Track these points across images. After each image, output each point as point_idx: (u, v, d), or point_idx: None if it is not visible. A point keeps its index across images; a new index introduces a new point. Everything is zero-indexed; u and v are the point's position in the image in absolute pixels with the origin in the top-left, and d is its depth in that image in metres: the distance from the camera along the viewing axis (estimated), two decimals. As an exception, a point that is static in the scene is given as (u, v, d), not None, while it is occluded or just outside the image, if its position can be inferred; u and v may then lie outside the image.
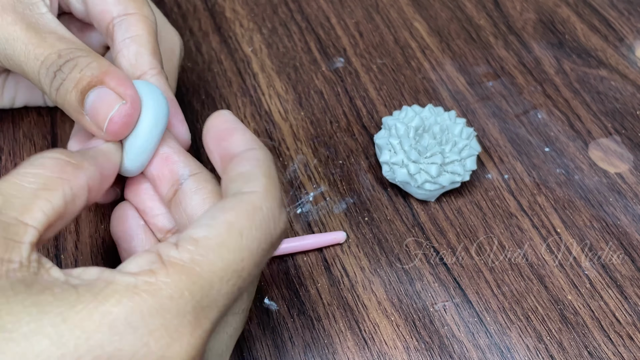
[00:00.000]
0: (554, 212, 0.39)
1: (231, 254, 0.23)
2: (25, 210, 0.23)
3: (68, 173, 0.25)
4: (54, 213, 0.24)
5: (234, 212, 0.24)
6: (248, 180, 0.25)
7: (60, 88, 0.29)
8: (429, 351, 0.33)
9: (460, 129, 0.38)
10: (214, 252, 0.23)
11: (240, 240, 0.23)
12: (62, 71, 0.29)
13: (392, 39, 0.47)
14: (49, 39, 0.30)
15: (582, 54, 0.47)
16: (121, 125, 0.28)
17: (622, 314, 0.35)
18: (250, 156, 0.26)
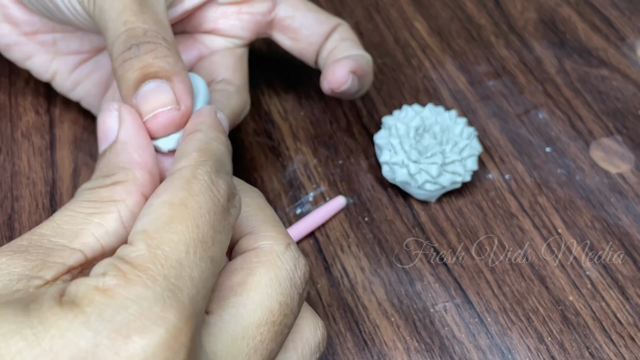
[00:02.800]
0: (555, 213, 0.38)
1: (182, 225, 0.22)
2: (75, 236, 0.23)
3: (119, 193, 0.24)
4: (108, 237, 0.23)
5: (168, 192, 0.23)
6: (179, 159, 0.25)
7: (128, 62, 0.28)
8: (430, 352, 0.33)
9: (460, 129, 0.38)
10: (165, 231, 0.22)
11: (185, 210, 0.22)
12: (139, 48, 0.28)
13: (392, 39, 0.47)
14: (147, 14, 0.29)
15: (584, 54, 0.47)
16: (162, 126, 0.27)
17: (624, 314, 0.35)
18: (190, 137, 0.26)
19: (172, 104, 0.27)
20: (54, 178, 0.38)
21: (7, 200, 0.37)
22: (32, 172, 0.38)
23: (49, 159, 0.39)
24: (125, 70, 0.28)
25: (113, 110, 0.27)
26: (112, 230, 0.24)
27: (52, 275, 0.21)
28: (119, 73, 0.28)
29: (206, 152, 0.25)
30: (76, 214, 0.23)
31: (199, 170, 0.24)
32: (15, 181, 0.38)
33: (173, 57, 0.29)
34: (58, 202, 0.37)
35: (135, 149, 0.26)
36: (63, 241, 0.23)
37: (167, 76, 0.28)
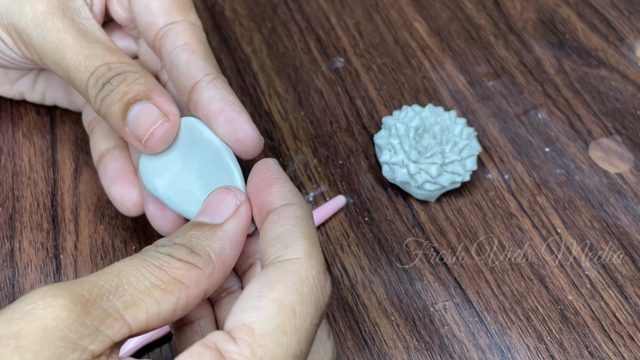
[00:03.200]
0: (554, 212, 0.39)
1: (289, 339, 0.22)
2: (131, 304, 0.22)
3: (190, 279, 0.24)
4: (157, 317, 0.23)
5: (280, 287, 0.23)
6: (287, 244, 0.24)
7: (106, 99, 0.29)
8: (429, 351, 0.33)
9: (460, 129, 0.38)
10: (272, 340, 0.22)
11: (294, 320, 0.22)
12: (111, 83, 0.29)
13: (392, 39, 0.47)
14: (99, 49, 0.30)
15: (583, 54, 0.47)
16: (160, 141, 0.28)
17: (623, 314, 0.35)
18: (288, 214, 0.25)
19: (160, 118, 0.28)
20: (55, 178, 0.38)
21: (8, 200, 0.37)
22: (33, 172, 0.38)
23: (50, 159, 0.39)
24: (108, 107, 0.29)
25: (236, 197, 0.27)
26: (162, 314, 0.23)
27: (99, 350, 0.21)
28: (103, 112, 0.29)
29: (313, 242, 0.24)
30: (142, 277, 0.23)
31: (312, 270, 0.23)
32: (17, 181, 0.38)
33: (142, 76, 0.29)
34: (59, 202, 0.37)
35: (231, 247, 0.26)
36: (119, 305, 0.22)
37: (145, 95, 0.28)
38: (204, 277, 0.24)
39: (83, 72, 0.29)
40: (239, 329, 0.22)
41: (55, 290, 0.21)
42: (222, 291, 0.30)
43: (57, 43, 0.30)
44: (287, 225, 0.25)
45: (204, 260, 0.24)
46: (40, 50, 0.30)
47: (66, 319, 0.21)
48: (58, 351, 0.20)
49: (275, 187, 0.26)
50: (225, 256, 0.25)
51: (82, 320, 0.21)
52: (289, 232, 0.24)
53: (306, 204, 0.26)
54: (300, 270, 0.23)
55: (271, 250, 0.24)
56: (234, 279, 0.30)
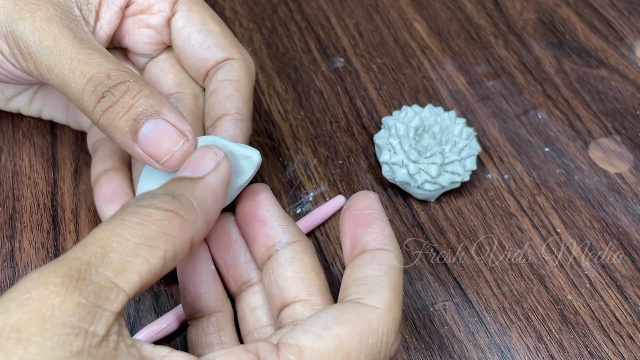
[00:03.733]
0: (554, 212, 0.39)
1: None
2: (121, 269, 0.22)
3: (174, 228, 0.23)
4: (149, 275, 0.23)
5: (347, 328, 0.23)
6: (372, 290, 0.24)
7: (109, 111, 0.28)
8: (429, 351, 0.33)
9: (460, 129, 0.38)
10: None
11: None
12: (113, 94, 0.28)
13: (392, 39, 0.47)
14: (96, 56, 0.29)
15: (582, 54, 0.47)
16: (180, 161, 0.27)
17: (622, 313, 0.35)
18: (382, 260, 0.25)
19: (181, 139, 0.27)
20: (55, 178, 0.38)
21: (8, 200, 0.37)
22: (33, 172, 0.38)
23: (50, 159, 0.39)
24: (111, 120, 0.28)
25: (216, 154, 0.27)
26: (154, 269, 0.23)
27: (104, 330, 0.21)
28: (104, 124, 0.28)
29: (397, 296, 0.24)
30: (125, 240, 0.22)
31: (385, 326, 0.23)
32: (17, 181, 0.38)
33: (145, 87, 0.28)
34: (59, 202, 0.37)
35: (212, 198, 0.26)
36: (109, 274, 0.22)
37: (156, 112, 0.28)
38: (187, 225, 0.24)
39: (79, 77, 0.28)
40: (289, 346, 0.22)
41: (44, 276, 0.21)
42: (242, 284, 0.30)
43: (53, 48, 0.29)
44: (378, 272, 0.25)
45: (186, 207, 0.24)
46: (36, 57, 0.30)
47: (61, 304, 0.20)
48: (61, 340, 0.20)
49: (375, 227, 0.26)
50: (208, 205, 0.25)
51: (77, 300, 0.21)
52: (378, 279, 0.24)
53: (400, 254, 0.26)
54: (373, 320, 0.23)
55: (355, 289, 0.24)
56: (253, 271, 0.30)
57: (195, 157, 0.27)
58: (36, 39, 0.29)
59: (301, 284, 0.27)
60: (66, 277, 0.21)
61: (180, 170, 0.27)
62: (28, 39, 0.29)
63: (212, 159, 0.27)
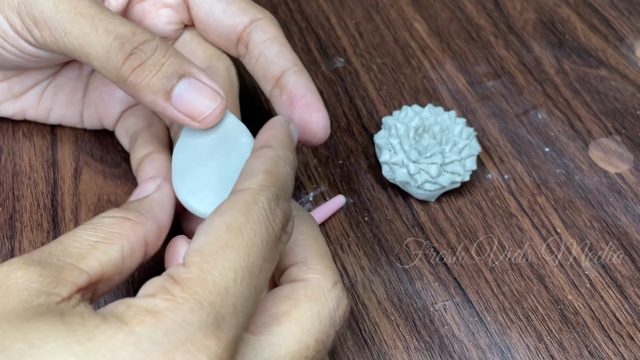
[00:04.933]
0: (554, 212, 0.39)
1: (236, 252, 0.22)
2: (81, 258, 0.24)
3: (126, 228, 0.26)
4: (109, 264, 0.25)
5: (228, 213, 0.23)
6: (246, 177, 0.25)
7: (140, 69, 0.28)
8: (429, 351, 0.33)
9: (460, 129, 0.38)
10: (218, 256, 0.22)
11: (241, 237, 0.23)
12: (143, 51, 0.28)
13: (392, 39, 0.47)
14: (117, 18, 0.29)
15: (582, 54, 0.47)
16: (217, 119, 0.29)
17: (623, 313, 0.35)
18: (261, 153, 0.26)
19: (218, 97, 0.29)
20: (55, 178, 0.38)
21: (8, 200, 0.37)
22: (33, 172, 0.38)
23: (50, 159, 0.39)
24: (142, 78, 0.28)
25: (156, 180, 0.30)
26: (113, 260, 0.25)
27: (67, 293, 0.22)
28: (133, 82, 0.28)
29: (272, 175, 0.25)
30: (83, 239, 0.25)
31: (260, 196, 0.24)
32: (17, 181, 0.38)
33: (172, 48, 0.29)
34: (59, 202, 0.37)
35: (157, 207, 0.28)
36: (71, 260, 0.24)
37: (188, 71, 0.28)
38: (137, 225, 0.27)
39: (103, 34, 0.28)
40: (188, 254, 0.23)
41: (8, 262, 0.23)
42: None
43: (71, 10, 0.29)
44: (254, 163, 0.26)
45: (133, 213, 0.27)
46: (52, 22, 0.29)
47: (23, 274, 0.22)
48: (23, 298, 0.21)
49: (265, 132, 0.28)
50: (155, 213, 0.28)
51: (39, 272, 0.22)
52: (251, 168, 0.25)
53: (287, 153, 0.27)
54: (249, 197, 0.24)
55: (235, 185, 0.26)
56: None
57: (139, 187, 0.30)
58: (51, 4, 0.29)
59: (298, 249, 0.27)
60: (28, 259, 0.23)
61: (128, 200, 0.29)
62: (43, 4, 0.29)
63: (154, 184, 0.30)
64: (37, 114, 0.39)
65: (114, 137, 0.40)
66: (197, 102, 0.28)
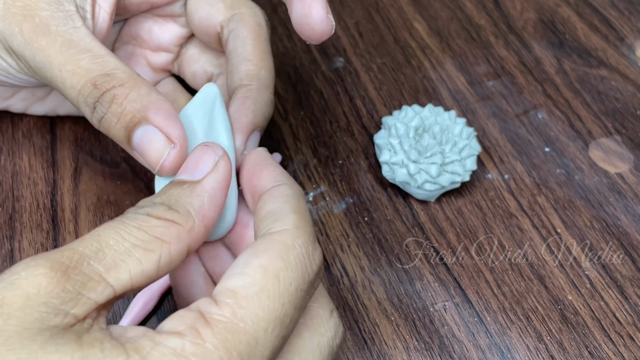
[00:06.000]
0: (554, 212, 0.39)
1: (271, 301, 0.22)
2: (113, 266, 0.22)
3: (171, 235, 0.24)
4: (141, 276, 0.23)
5: (266, 255, 0.23)
6: (277, 218, 0.25)
7: (103, 121, 0.28)
8: (429, 351, 0.33)
9: (460, 129, 0.38)
10: (253, 302, 0.22)
11: (277, 284, 0.22)
12: (101, 104, 0.28)
13: (392, 39, 0.47)
14: (83, 62, 0.29)
15: (583, 54, 0.47)
16: (172, 169, 0.27)
17: (623, 314, 0.35)
18: (278, 192, 0.26)
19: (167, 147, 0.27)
20: (54, 178, 0.38)
21: (8, 200, 0.37)
22: (33, 172, 0.38)
23: (49, 158, 0.39)
24: (107, 130, 0.28)
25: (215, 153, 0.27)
26: (146, 272, 0.23)
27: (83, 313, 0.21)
28: (104, 132, 0.29)
29: (303, 217, 0.25)
30: (122, 239, 0.23)
31: (299, 239, 0.24)
32: (16, 181, 0.38)
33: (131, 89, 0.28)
34: (59, 202, 0.37)
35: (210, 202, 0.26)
36: (100, 269, 0.22)
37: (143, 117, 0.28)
38: (184, 232, 0.24)
39: (70, 89, 0.29)
40: (222, 293, 0.22)
41: (36, 260, 0.21)
42: None
43: (45, 61, 0.29)
44: (278, 203, 0.25)
45: (183, 216, 0.25)
46: (35, 70, 0.30)
47: (47, 285, 0.21)
48: (41, 316, 0.20)
49: (265, 171, 0.27)
50: (205, 211, 0.25)
51: (63, 285, 0.21)
52: (279, 209, 0.25)
53: (296, 184, 0.27)
54: (287, 240, 0.24)
55: (262, 225, 0.25)
56: None
57: (193, 157, 0.27)
58: (29, 53, 0.29)
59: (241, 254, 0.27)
60: (57, 263, 0.21)
61: (179, 172, 0.27)
62: (24, 53, 0.30)
63: (210, 159, 0.26)
64: (70, 110, 0.39)
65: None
66: (149, 152, 0.28)
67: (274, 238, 0.24)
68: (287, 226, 0.24)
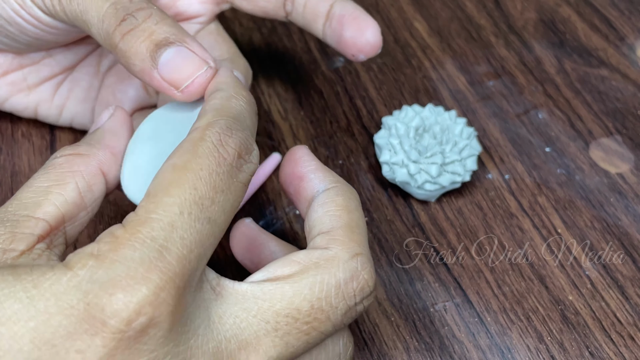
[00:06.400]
0: (554, 213, 0.38)
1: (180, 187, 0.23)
2: (36, 207, 0.24)
3: (77, 164, 0.26)
4: (68, 205, 0.25)
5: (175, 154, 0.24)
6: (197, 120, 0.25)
7: (130, 34, 0.27)
8: (429, 351, 0.33)
9: (460, 129, 0.38)
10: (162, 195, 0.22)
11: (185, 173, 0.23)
12: (135, 17, 0.27)
13: (392, 39, 0.47)
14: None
15: (583, 54, 0.47)
16: (200, 89, 0.28)
17: (623, 314, 0.35)
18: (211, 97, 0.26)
19: (203, 65, 0.27)
20: (54, 178, 0.38)
21: (7, 201, 0.37)
22: (32, 172, 0.38)
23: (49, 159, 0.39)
24: (131, 44, 0.27)
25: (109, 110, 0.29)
26: (70, 199, 0.25)
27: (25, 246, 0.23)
28: (122, 48, 0.28)
29: (222, 111, 0.25)
30: (36, 188, 0.25)
31: (207, 131, 0.24)
32: (16, 181, 0.38)
33: (169, 18, 0.28)
34: (58, 202, 0.37)
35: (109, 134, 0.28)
36: (26, 212, 0.24)
37: (180, 39, 0.27)
38: (89, 158, 0.26)
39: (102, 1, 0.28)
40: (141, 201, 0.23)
41: None
42: None
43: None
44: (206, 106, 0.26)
45: (83, 147, 0.27)
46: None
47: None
48: None
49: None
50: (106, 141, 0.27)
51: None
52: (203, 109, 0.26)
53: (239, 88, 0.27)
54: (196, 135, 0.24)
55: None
56: None
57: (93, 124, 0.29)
58: None
59: (327, 219, 0.27)
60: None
61: None
62: None
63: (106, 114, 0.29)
64: (49, 111, 0.38)
65: (114, 137, 0.40)
66: (182, 69, 0.27)
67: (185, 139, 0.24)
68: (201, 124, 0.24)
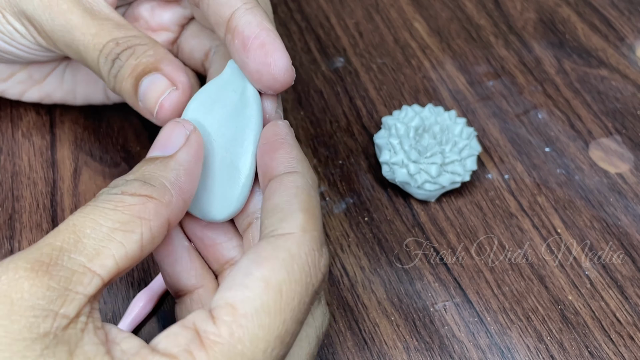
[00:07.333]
0: (554, 212, 0.38)
1: (272, 319, 0.21)
2: (95, 254, 0.22)
3: (149, 212, 0.23)
4: (126, 260, 0.22)
5: (269, 265, 0.22)
6: (283, 217, 0.23)
7: (118, 75, 0.29)
8: (429, 351, 0.33)
9: (460, 129, 0.38)
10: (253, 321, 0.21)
11: (279, 299, 0.21)
12: (120, 59, 0.29)
13: (392, 39, 0.47)
14: (106, 26, 0.29)
15: (583, 54, 0.47)
16: (170, 111, 0.27)
17: (623, 314, 0.35)
18: (289, 183, 0.24)
19: (168, 88, 0.28)
20: (54, 178, 0.38)
21: (7, 201, 0.37)
22: (32, 172, 0.38)
23: (49, 159, 0.39)
24: (120, 84, 0.29)
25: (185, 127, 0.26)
26: (130, 253, 0.22)
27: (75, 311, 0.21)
28: (117, 89, 0.29)
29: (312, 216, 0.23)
30: (99, 226, 0.22)
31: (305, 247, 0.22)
32: (16, 181, 0.38)
33: (151, 47, 0.29)
34: (58, 202, 0.37)
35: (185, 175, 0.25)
36: (83, 260, 0.21)
37: (154, 67, 0.28)
38: (162, 207, 0.23)
39: (92, 50, 0.29)
40: (221, 307, 0.21)
41: (15, 262, 0.21)
42: (224, 263, 0.29)
43: (65, 24, 0.29)
44: (286, 196, 0.24)
45: (159, 190, 0.24)
46: (51, 35, 0.30)
47: (30, 287, 0.20)
48: (29, 322, 0.20)
49: (281, 152, 0.26)
50: (182, 184, 0.25)
51: (47, 284, 0.20)
52: (287, 204, 0.24)
53: (310, 171, 0.25)
54: (292, 247, 0.22)
55: (267, 222, 0.24)
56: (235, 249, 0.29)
57: (163, 133, 0.26)
58: (47, 17, 0.30)
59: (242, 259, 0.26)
60: (37, 263, 0.21)
61: (150, 150, 0.26)
62: (40, 17, 0.30)
63: (181, 133, 0.26)
64: (64, 96, 0.39)
65: (114, 137, 0.40)
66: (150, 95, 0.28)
67: (278, 244, 0.22)
68: (294, 229, 0.23)
